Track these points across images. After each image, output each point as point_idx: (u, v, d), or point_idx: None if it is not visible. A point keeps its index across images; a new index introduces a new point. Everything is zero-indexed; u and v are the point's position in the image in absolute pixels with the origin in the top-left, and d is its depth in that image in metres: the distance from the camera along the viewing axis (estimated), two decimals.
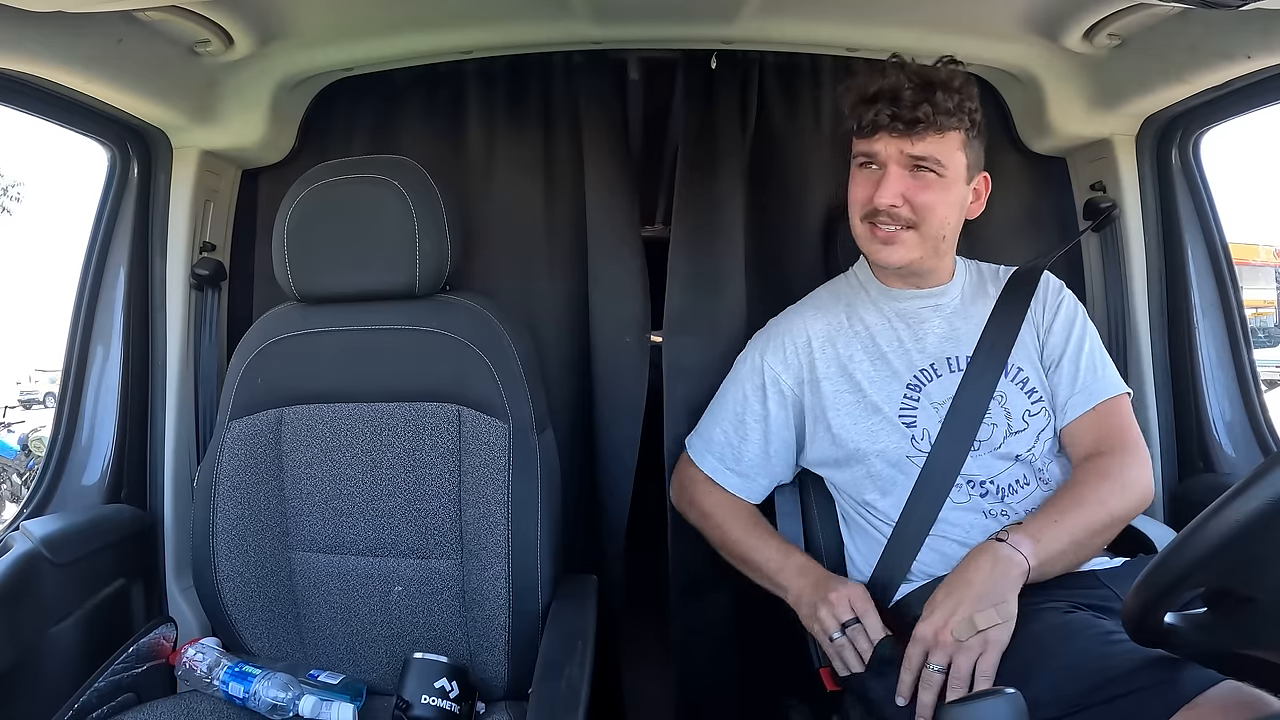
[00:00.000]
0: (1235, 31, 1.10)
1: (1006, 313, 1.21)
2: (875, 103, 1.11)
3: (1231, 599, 0.72)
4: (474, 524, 1.19)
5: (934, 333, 1.22)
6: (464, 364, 1.21)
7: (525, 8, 1.35)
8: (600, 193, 1.55)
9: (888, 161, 1.13)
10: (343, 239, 1.22)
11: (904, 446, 1.17)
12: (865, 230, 1.18)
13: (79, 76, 1.12)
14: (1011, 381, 1.18)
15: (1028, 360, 1.20)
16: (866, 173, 1.16)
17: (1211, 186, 1.44)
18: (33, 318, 13.72)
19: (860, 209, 1.17)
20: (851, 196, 1.19)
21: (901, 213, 1.13)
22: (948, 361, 1.20)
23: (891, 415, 1.17)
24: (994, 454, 1.16)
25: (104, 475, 1.35)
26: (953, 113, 1.11)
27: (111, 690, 1.16)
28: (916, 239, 1.15)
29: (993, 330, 1.20)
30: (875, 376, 1.20)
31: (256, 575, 1.23)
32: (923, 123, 1.10)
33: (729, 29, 1.40)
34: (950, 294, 1.24)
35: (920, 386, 1.19)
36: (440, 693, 1.08)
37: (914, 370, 1.20)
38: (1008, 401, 1.18)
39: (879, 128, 1.11)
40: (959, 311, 1.23)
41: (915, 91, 1.10)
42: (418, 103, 1.58)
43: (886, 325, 1.23)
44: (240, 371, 1.25)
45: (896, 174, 1.13)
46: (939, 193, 1.13)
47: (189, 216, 1.41)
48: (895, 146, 1.12)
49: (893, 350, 1.21)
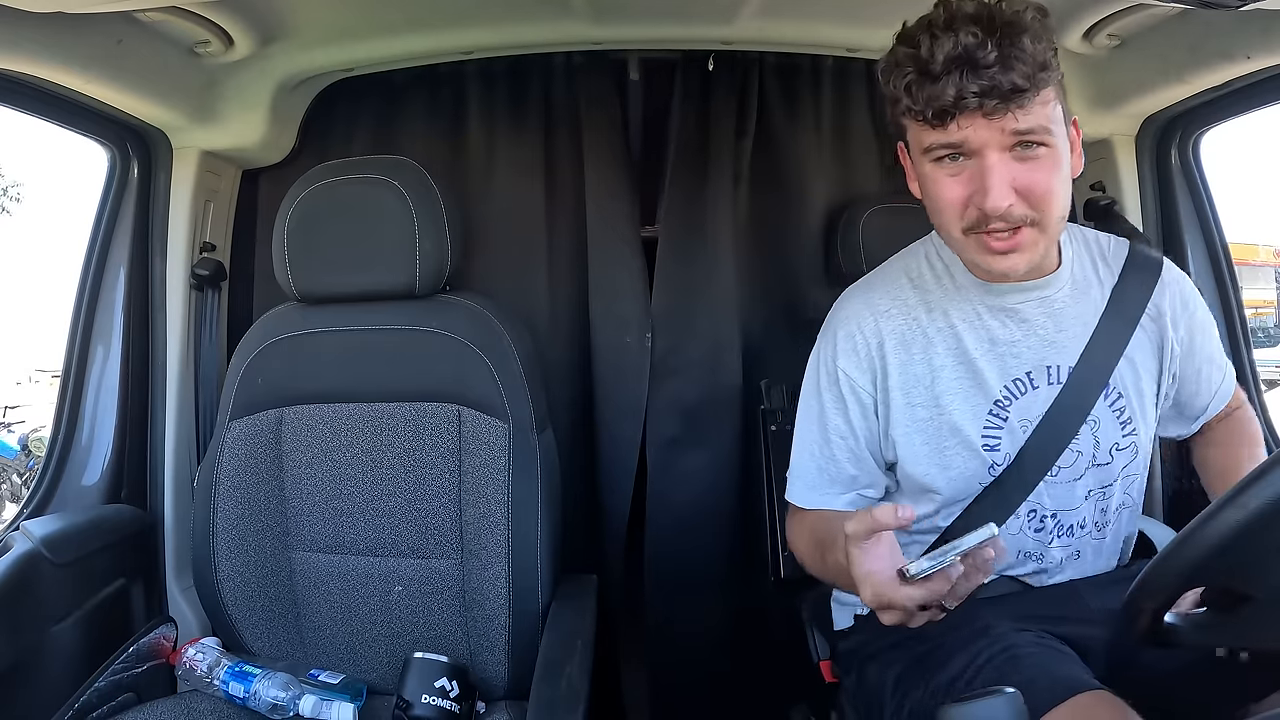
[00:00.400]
0: (1235, 32, 1.10)
1: (1119, 315, 0.99)
2: (948, 76, 0.80)
3: (1231, 598, 0.72)
4: (474, 524, 1.19)
5: (1036, 333, 0.98)
6: (464, 364, 1.21)
7: (525, 8, 1.36)
8: (600, 193, 1.56)
9: (984, 149, 0.84)
10: (343, 239, 1.22)
11: (980, 474, 0.97)
12: (972, 243, 0.89)
13: (79, 77, 1.12)
14: (1110, 406, 0.98)
15: (1133, 381, 1.00)
16: (953, 168, 0.87)
17: (1211, 187, 1.44)
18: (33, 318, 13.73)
19: (959, 218, 0.88)
20: (938, 201, 0.89)
21: (1017, 210, 0.85)
22: (1047, 372, 0.97)
23: (973, 438, 0.97)
24: (1069, 486, 0.99)
25: (104, 475, 1.35)
26: (1049, 64, 0.82)
27: (112, 690, 1.16)
28: (1037, 236, 0.88)
29: (1102, 336, 0.98)
30: (958, 390, 0.97)
31: (257, 575, 1.24)
32: (1024, 91, 0.80)
33: (728, 29, 1.40)
34: (1059, 284, 0.98)
35: (1011, 402, 0.97)
36: (440, 692, 1.08)
37: (1006, 380, 0.97)
38: (1099, 429, 0.98)
39: (965, 110, 0.81)
40: (1065, 307, 0.99)
41: (1001, 49, 0.79)
42: (418, 103, 1.59)
43: (977, 323, 0.98)
44: (240, 371, 1.25)
45: (1001, 163, 0.84)
46: (1052, 171, 0.86)
47: (189, 217, 1.41)
48: (991, 128, 0.82)
49: (982, 355, 0.97)
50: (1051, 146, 0.86)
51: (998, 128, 0.83)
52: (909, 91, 0.84)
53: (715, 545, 1.57)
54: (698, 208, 1.54)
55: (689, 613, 1.57)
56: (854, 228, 1.43)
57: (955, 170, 0.87)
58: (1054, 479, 0.98)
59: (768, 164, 1.59)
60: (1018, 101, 0.81)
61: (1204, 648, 0.79)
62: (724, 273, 1.54)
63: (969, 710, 0.66)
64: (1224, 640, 0.76)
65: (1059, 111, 0.87)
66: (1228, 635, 0.74)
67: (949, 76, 0.80)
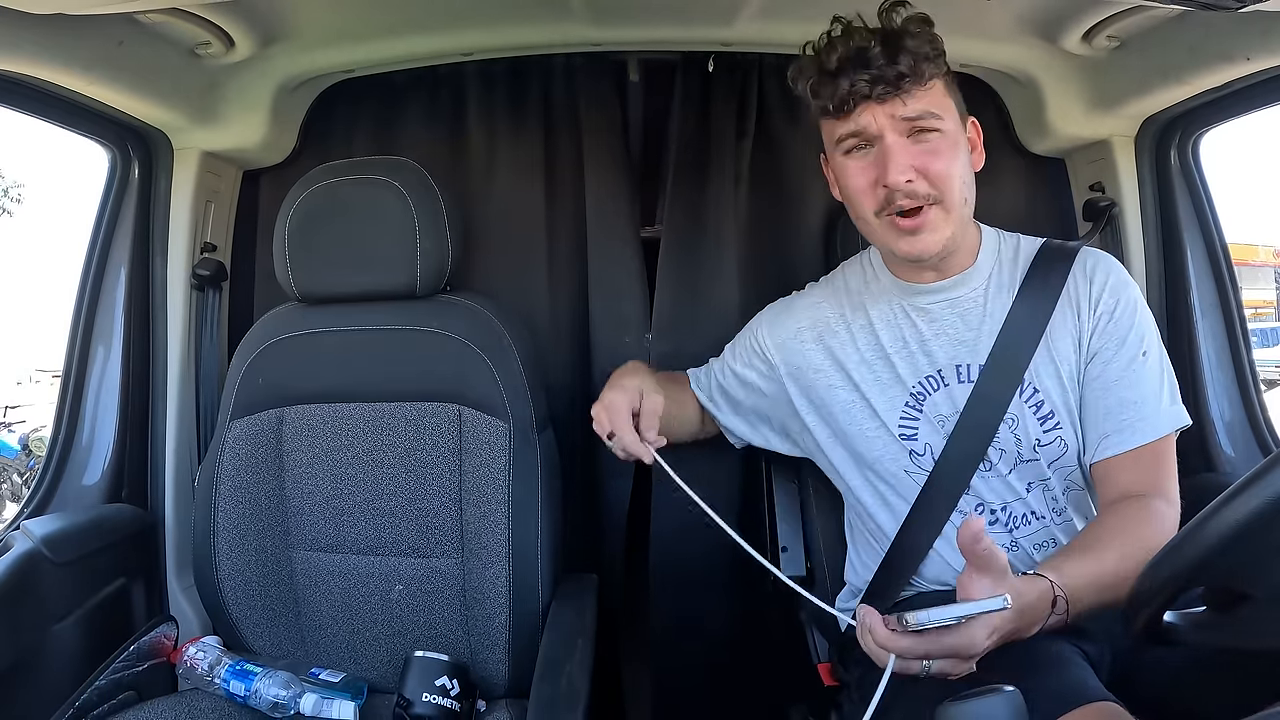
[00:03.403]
0: (1234, 33, 1.11)
1: (1027, 311, 1.04)
2: (844, 72, 0.95)
3: (1230, 597, 0.72)
4: (474, 523, 1.19)
5: (946, 333, 1.06)
6: (464, 364, 1.21)
7: (525, 10, 1.36)
8: (600, 194, 1.56)
9: (882, 133, 0.96)
10: (344, 239, 1.23)
11: (901, 460, 1.07)
12: (884, 225, 0.99)
13: (80, 78, 1.12)
14: (1026, 403, 1.03)
15: (1052, 374, 1.03)
16: (859, 157, 0.99)
17: (1211, 187, 1.44)
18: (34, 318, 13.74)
19: (869, 200, 0.99)
20: (851, 189, 1.01)
21: (919, 188, 0.96)
22: (957, 370, 1.05)
23: (890, 426, 1.07)
24: (1004, 480, 1.05)
25: (105, 475, 1.35)
26: (930, 56, 0.95)
27: (112, 688, 1.16)
28: (943, 215, 0.98)
29: (1009, 333, 1.03)
30: (874, 380, 1.08)
31: (258, 574, 1.24)
32: (907, 77, 0.94)
33: (728, 31, 1.40)
34: (972, 283, 1.07)
35: (925, 396, 1.06)
36: (441, 691, 1.09)
37: (919, 377, 1.06)
38: (1018, 426, 1.03)
39: (860, 98, 0.95)
40: (979, 307, 1.06)
41: (884, 47, 0.94)
42: (418, 104, 1.59)
43: (893, 321, 1.09)
44: (241, 371, 1.26)
45: (898, 144, 0.96)
46: (949, 153, 0.97)
47: (190, 217, 1.42)
48: (884, 113, 0.95)
49: (896, 352, 1.08)
50: (944, 131, 0.97)
51: (890, 113, 0.95)
52: (814, 92, 0.99)
53: (717, 546, 1.57)
54: (699, 208, 1.54)
55: (690, 613, 1.57)
56: (853, 228, 1.42)
57: (862, 159, 0.99)
58: (988, 473, 1.04)
59: (768, 165, 1.59)
60: (903, 87, 0.95)
61: (1203, 646, 0.79)
62: (725, 273, 1.54)
63: (968, 708, 0.66)
64: (1223, 639, 0.76)
65: (950, 103, 0.99)
66: (1227, 634, 0.74)
67: (844, 73, 0.95)
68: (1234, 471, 1.36)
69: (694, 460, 1.55)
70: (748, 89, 1.56)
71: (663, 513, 1.56)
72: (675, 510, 1.56)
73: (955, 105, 1.00)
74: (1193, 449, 1.41)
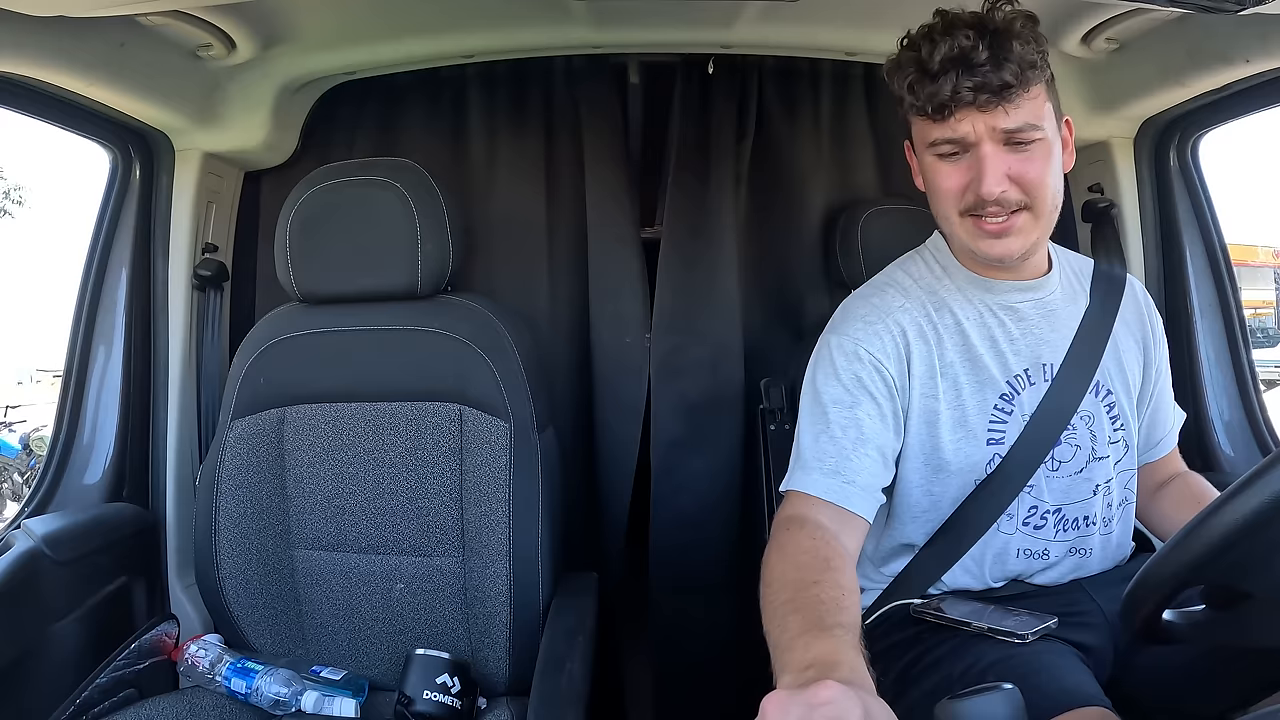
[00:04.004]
0: (1233, 35, 1.11)
1: (1098, 319, 1.05)
2: (946, 74, 0.89)
3: (1229, 596, 0.72)
4: (475, 522, 1.20)
5: (1033, 332, 1.03)
6: (465, 364, 1.21)
7: (526, 13, 1.36)
8: (600, 195, 1.56)
9: (980, 142, 0.91)
10: (345, 240, 1.23)
11: (977, 469, 1.00)
12: (968, 226, 0.96)
13: (81, 80, 1.12)
14: (1100, 401, 1.03)
15: (1120, 381, 1.05)
16: (951, 161, 0.94)
17: (1210, 188, 1.44)
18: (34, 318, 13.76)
19: (956, 202, 0.96)
20: (939, 189, 0.97)
21: (1011, 196, 0.93)
22: (1043, 369, 1.02)
23: (979, 429, 1.00)
24: (1073, 478, 1.01)
25: (106, 474, 1.35)
26: (1037, 64, 0.90)
27: (114, 686, 1.16)
28: (1030, 221, 0.95)
29: (1085, 337, 1.03)
30: (967, 383, 1.01)
31: (259, 572, 1.24)
32: (1013, 87, 0.88)
33: (728, 33, 1.41)
34: (1050, 287, 1.05)
35: (1014, 396, 1.01)
36: (442, 688, 1.09)
37: (1009, 375, 1.01)
38: (1094, 423, 1.03)
39: (962, 104, 0.89)
40: (1057, 310, 1.05)
41: (992, 50, 0.87)
42: (419, 106, 1.59)
43: (979, 320, 1.02)
44: (243, 371, 1.26)
45: (995, 154, 0.91)
46: (1044, 162, 0.93)
47: (191, 218, 1.42)
48: (985, 123, 0.90)
49: (987, 351, 1.01)
50: (1042, 140, 0.93)
51: (991, 124, 0.90)
52: (911, 90, 0.92)
53: (717, 545, 1.58)
54: (699, 209, 1.55)
55: (690, 611, 1.57)
56: (853, 229, 1.43)
57: (957, 162, 0.94)
58: (1055, 474, 1.01)
59: (768, 166, 1.59)
60: (1007, 97, 0.89)
61: (1203, 645, 0.79)
62: (726, 274, 1.55)
63: (966, 706, 0.66)
64: (1222, 638, 0.76)
65: (1049, 108, 0.94)
66: (1226, 633, 0.75)
67: (946, 75, 0.89)
68: (1233, 471, 1.36)
69: (691, 460, 1.56)
70: (747, 91, 1.57)
71: (662, 512, 1.57)
72: (675, 509, 1.56)
73: (1054, 108, 0.96)
74: (1192, 449, 1.41)
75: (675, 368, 1.54)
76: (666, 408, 1.55)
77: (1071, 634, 0.96)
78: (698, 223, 1.55)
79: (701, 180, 1.55)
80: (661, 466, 1.56)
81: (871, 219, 1.43)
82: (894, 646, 1.02)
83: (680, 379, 1.55)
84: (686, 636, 1.58)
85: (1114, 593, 0.90)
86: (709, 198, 1.55)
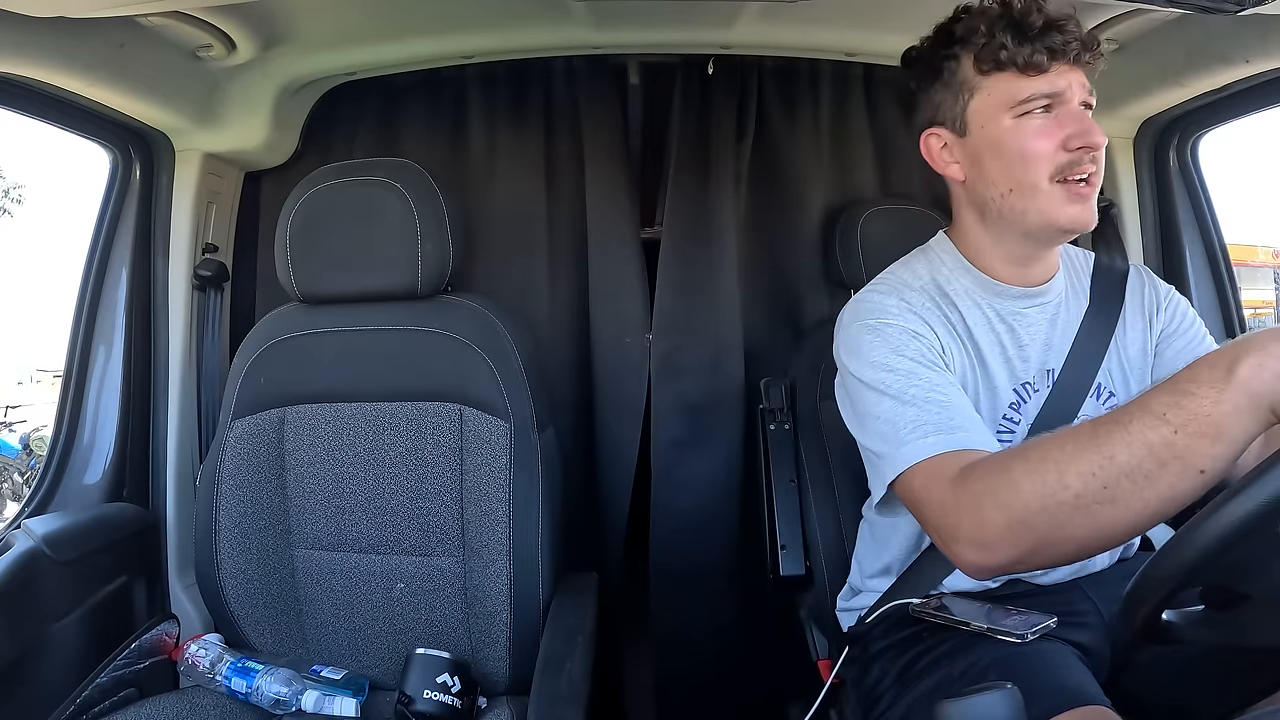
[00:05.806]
0: (1233, 36, 1.11)
1: (1099, 318, 1.03)
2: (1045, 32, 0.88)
3: (1228, 596, 0.72)
4: (475, 522, 1.20)
5: (1038, 339, 1.01)
6: (466, 364, 1.21)
7: (526, 14, 1.36)
8: (600, 195, 1.57)
9: (1072, 98, 0.90)
10: (345, 240, 1.23)
11: None
12: (1058, 194, 0.91)
13: (81, 81, 1.12)
14: (1101, 405, 1.01)
15: (1121, 380, 1.03)
16: (1041, 119, 0.90)
17: (1210, 188, 1.44)
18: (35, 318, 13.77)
19: (1047, 164, 0.90)
20: (1029, 152, 0.91)
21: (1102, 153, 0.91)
22: (1047, 374, 1.01)
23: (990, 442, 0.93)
24: None
25: (106, 474, 1.35)
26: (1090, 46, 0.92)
27: (114, 686, 1.17)
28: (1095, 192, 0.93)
29: (1084, 341, 1.01)
30: (984, 390, 0.99)
31: (259, 572, 1.24)
32: (1091, 50, 0.90)
33: (728, 34, 1.41)
34: (1055, 290, 1.03)
35: (1021, 405, 0.99)
36: (442, 688, 1.09)
37: (1016, 384, 1.00)
38: None
39: (1056, 56, 0.89)
40: (1065, 311, 1.03)
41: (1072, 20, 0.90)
42: (420, 106, 1.59)
43: (988, 327, 1.00)
44: (243, 371, 1.26)
45: (1083, 114, 0.90)
46: None
47: (191, 218, 1.42)
48: (1077, 80, 0.90)
49: (995, 359, 0.99)
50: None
51: (1080, 79, 0.90)
52: (1009, 44, 0.90)
53: (717, 544, 1.58)
54: (699, 209, 1.55)
55: (691, 611, 1.58)
56: (852, 229, 1.43)
57: (1043, 120, 0.91)
58: None
59: (767, 166, 1.59)
60: (1096, 54, 0.91)
61: (1202, 645, 0.79)
62: (726, 274, 1.55)
63: (966, 706, 0.66)
64: (1221, 638, 0.76)
65: None
66: (1225, 633, 0.75)
67: (1045, 32, 0.89)
68: None
69: (692, 460, 1.57)
70: (747, 91, 1.57)
71: (663, 512, 1.57)
72: (675, 509, 1.57)
73: None
74: None
75: (675, 367, 1.55)
76: (666, 407, 1.55)
77: (1070, 634, 0.96)
78: (698, 223, 1.55)
79: (701, 180, 1.55)
80: (661, 466, 1.56)
81: (871, 219, 1.43)
82: (894, 646, 1.02)
83: (680, 379, 1.55)
84: (686, 636, 1.58)
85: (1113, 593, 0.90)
86: (709, 198, 1.55)
